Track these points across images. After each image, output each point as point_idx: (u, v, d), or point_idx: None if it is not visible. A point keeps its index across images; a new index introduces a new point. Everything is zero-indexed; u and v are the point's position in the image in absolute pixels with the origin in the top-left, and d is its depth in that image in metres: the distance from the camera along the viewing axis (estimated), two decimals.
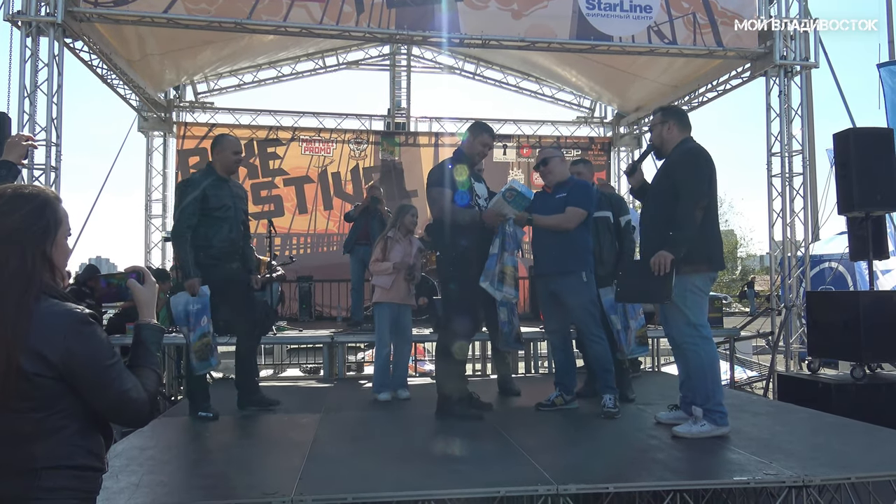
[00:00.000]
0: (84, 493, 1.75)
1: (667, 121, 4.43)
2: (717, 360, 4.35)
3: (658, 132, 4.48)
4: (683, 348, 4.35)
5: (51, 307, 1.70)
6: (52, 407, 1.69)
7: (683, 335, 4.29)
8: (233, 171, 5.10)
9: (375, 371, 5.88)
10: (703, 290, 4.29)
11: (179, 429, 4.74)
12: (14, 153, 3.24)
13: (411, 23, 7.57)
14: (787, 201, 8.42)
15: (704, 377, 4.24)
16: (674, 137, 4.41)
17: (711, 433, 4.17)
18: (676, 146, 4.38)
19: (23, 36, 6.98)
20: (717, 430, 4.19)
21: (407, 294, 5.79)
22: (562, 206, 4.94)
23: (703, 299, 4.30)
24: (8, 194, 1.76)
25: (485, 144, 5.07)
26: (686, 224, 4.11)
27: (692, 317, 4.24)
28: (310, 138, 12.04)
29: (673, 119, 4.44)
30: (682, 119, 4.47)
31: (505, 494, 3.19)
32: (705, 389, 4.23)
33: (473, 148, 5.08)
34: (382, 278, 5.70)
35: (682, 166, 4.26)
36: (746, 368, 10.04)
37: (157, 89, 10.83)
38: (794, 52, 8.24)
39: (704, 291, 4.30)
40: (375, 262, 5.75)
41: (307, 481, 3.26)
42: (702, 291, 4.27)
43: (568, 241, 4.91)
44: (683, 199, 4.13)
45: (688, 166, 4.24)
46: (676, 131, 4.41)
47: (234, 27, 7.50)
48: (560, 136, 12.91)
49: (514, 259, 4.91)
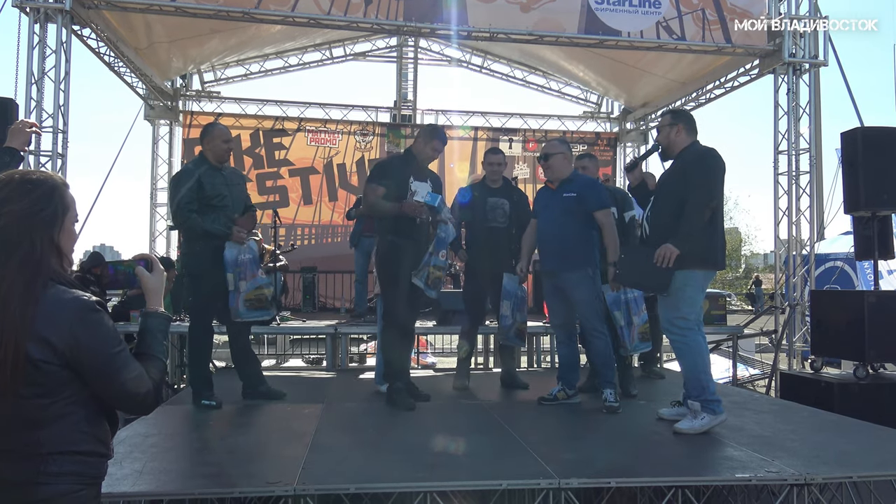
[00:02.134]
0: (90, 479, 1.76)
1: (676, 123, 4.47)
2: (707, 352, 4.40)
3: (666, 133, 4.51)
4: (674, 339, 4.41)
5: (58, 294, 1.70)
6: (59, 393, 1.69)
7: (675, 326, 4.34)
8: (224, 160, 5.04)
9: (378, 362, 5.89)
10: (702, 287, 4.37)
11: (183, 417, 4.76)
12: (18, 140, 3.23)
13: (419, 15, 7.55)
14: (793, 199, 8.39)
15: (696, 367, 4.29)
16: (682, 140, 4.46)
17: (711, 424, 4.20)
18: (685, 149, 4.44)
19: (30, 22, 6.98)
20: (717, 420, 4.23)
21: None
22: (572, 205, 4.96)
23: (699, 295, 4.37)
24: (16, 180, 1.76)
25: (434, 150, 5.16)
26: (695, 222, 4.18)
27: (686, 310, 4.28)
28: (316, 129, 12.02)
29: (682, 122, 4.50)
30: (690, 123, 4.53)
31: (507, 487, 3.19)
32: (699, 381, 4.26)
33: (423, 151, 5.16)
34: None
35: (698, 167, 4.31)
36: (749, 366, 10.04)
37: (164, 78, 10.82)
38: (804, 49, 8.19)
39: (702, 288, 4.38)
40: None
41: (310, 471, 3.27)
42: (700, 288, 4.35)
43: (574, 236, 4.94)
44: (696, 198, 4.20)
45: (704, 167, 4.30)
46: (685, 134, 4.46)
47: (241, 16, 7.49)
48: (566, 130, 12.87)
49: (440, 259, 5.02)
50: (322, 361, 9.58)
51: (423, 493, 3.08)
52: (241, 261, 4.88)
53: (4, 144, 3.21)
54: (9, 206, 1.71)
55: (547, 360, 8.77)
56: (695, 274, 4.26)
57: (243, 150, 11.53)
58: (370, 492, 3.18)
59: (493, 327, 6.73)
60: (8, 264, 1.67)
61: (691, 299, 4.29)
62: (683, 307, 4.28)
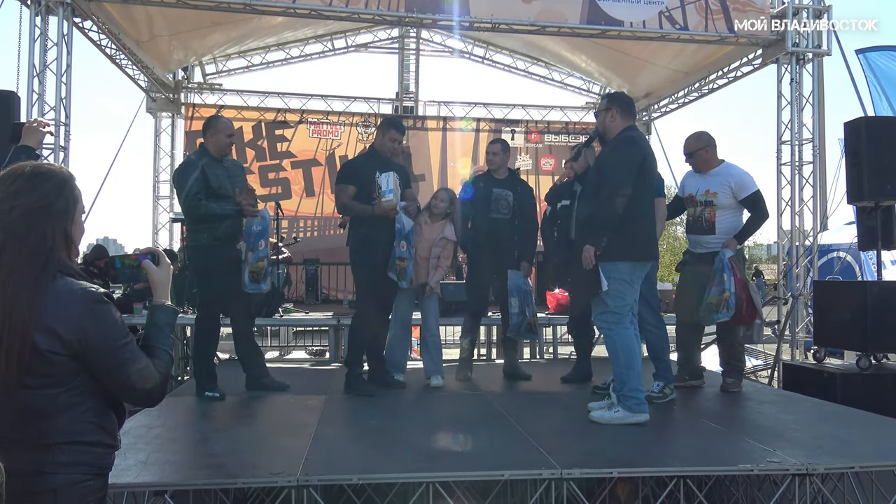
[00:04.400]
0: (97, 469, 1.78)
1: (611, 108, 4.37)
2: (633, 347, 4.23)
3: (602, 119, 4.42)
4: (602, 333, 4.36)
5: (66, 285, 1.72)
6: (66, 384, 1.71)
7: (602, 321, 4.28)
8: (226, 153, 5.09)
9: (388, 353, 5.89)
10: (629, 279, 4.18)
11: (186, 408, 4.78)
12: (33, 139, 3.28)
13: (421, 6, 7.52)
14: (796, 190, 8.36)
15: (618, 362, 4.20)
16: (616, 125, 4.34)
17: (625, 420, 4.10)
18: (616, 135, 4.33)
19: (32, 15, 6.96)
20: (632, 418, 4.11)
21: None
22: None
23: (626, 287, 4.18)
24: (27, 173, 1.78)
25: (393, 139, 5.26)
26: (606, 213, 4.08)
27: (611, 303, 4.18)
28: (318, 121, 12.00)
29: (616, 106, 4.37)
30: (625, 107, 4.41)
31: (509, 478, 3.21)
32: (619, 375, 4.19)
33: (384, 144, 5.26)
34: None
35: (611, 155, 4.24)
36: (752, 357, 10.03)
37: (166, 70, 10.80)
38: (807, 39, 8.15)
39: (629, 280, 4.19)
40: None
41: (313, 462, 3.28)
42: (626, 280, 4.18)
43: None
44: (608, 188, 4.10)
45: (616, 156, 4.21)
46: (619, 119, 4.35)
47: (243, 8, 7.47)
48: (568, 121, 12.84)
49: (402, 251, 5.09)
50: (325, 353, 9.61)
51: (426, 483, 3.09)
52: (252, 232, 4.97)
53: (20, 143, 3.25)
54: (20, 198, 1.72)
55: (550, 352, 8.77)
56: (618, 266, 4.14)
57: (245, 143, 11.52)
58: (372, 482, 3.20)
59: (494, 318, 6.74)
60: (18, 256, 1.68)
61: (616, 292, 4.16)
62: (609, 301, 4.18)
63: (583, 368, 5.75)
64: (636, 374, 4.17)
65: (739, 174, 5.21)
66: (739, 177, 5.18)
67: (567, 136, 12.54)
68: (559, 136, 12.56)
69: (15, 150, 3.24)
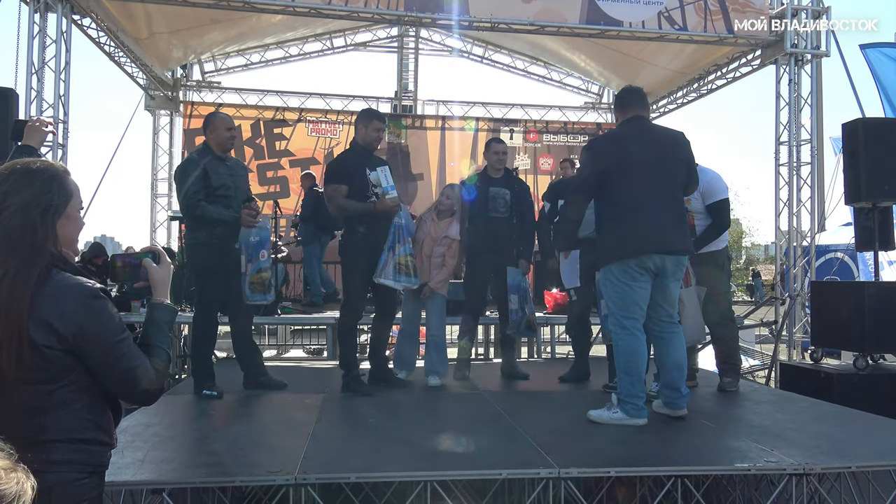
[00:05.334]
0: (92, 467, 1.77)
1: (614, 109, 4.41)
2: (631, 352, 4.15)
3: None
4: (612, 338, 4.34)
5: (63, 280, 1.72)
6: (62, 380, 1.70)
7: (608, 324, 4.29)
8: (228, 149, 5.04)
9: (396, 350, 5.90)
10: (619, 279, 4.11)
11: (184, 406, 4.77)
12: (35, 138, 3.28)
13: (420, 5, 7.52)
14: (794, 190, 8.38)
15: (619, 366, 4.21)
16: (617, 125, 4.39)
17: (622, 422, 4.10)
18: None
19: (31, 12, 6.96)
20: (628, 421, 4.09)
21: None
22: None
23: (623, 288, 4.12)
24: (18, 170, 1.77)
25: (377, 129, 5.17)
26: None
27: (612, 307, 4.20)
28: (316, 119, 12.00)
29: (615, 105, 4.39)
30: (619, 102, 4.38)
31: (507, 477, 3.21)
32: (622, 379, 4.19)
33: (367, 136, 5.16)
34: None
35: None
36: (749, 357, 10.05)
37: (164, 68, 10.80)
38: (806, 40, 8.16)
39: (621, 280, 4.11)
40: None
41: (311, 460, 3.28)
42: (617, 281, 4.13)
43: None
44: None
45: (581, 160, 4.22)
46: (618, 117, 4.34)
47: (242, 6, 7.46)
48: (567, 121, 12.85)
49: (408, 248, 5.02)
50: (323, 352, 9.61)
51: (423, 482, 3.08)
52: (250, 243, 4.94)
53: (22, 142, 3.25)
54: (12, 197, 1.72)
55: (547, 351, 8.79)
56: (610, 269, 4.15)
57: (244, 141, 11.52)
58: (371, 481, 3.20)
59: (492, 317, 6.74)
60: (14, 253, 1.68)
61: (615, 295, 4.15)
62: (610, 304, 4.21)
63: (581, 368, 5.75)
64: (635, 380, 4.13)
65: (710, 178, 4.97)
66: (709, 182, 4.94)
67: (565, 135, 12.55)
68: (558, 135, 12.57)
69: (17, 149, 3.24)
